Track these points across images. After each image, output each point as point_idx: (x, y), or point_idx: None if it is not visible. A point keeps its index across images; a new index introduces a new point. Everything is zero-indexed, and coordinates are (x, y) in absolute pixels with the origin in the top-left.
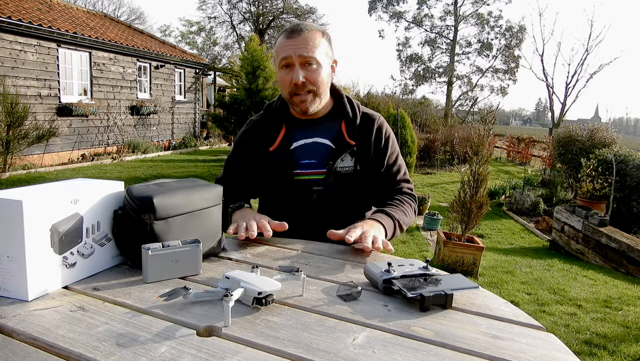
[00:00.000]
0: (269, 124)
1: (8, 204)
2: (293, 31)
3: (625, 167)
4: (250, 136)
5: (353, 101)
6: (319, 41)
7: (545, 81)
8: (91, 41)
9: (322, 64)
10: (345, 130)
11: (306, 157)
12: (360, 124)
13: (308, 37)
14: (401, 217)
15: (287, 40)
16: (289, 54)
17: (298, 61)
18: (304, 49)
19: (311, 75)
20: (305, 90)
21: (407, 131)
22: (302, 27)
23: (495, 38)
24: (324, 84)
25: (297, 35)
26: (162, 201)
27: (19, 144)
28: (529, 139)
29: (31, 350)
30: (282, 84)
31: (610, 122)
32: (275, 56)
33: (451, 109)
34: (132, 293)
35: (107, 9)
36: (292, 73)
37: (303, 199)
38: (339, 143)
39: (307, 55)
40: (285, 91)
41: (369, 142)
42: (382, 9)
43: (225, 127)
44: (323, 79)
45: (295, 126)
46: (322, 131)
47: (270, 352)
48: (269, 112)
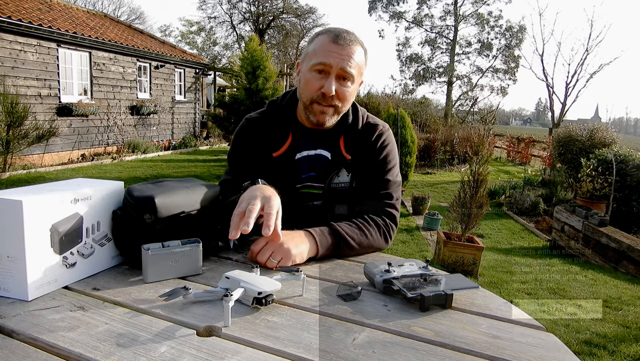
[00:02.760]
0: (273, 125)
1: (8, 204)
2: (339, 37)
3: (625, 167)
4: (251, 135)
5: (359, 110)
6: (360, 58)
7: (545, 81)
8: (91, 41)
9: (355, 82)
10: (344, 143)
11: (308, 169)
12: (361, 136)
13: (354, 50)
14: (355, 236)
15: (332, 45)
16: (331, 62)
17: (336, 72)
18: (347, 62)
19: (343, 91)
20: (330, 103)
21: (407, 131)
22: (351, 37)
23: (495, 38)
24: (349, 103)
25: (344, 44)
26: (163, 201)
27: (19, 144)
28: (529, 139)
29: (31, 350)
30: (308, 87)
31: (610, 122)
32: (310, 54)
33: (451, 109)
34: (132, 293)
35: (107, 9)
36: (325, 80)
37: (301, 212)
38: (335, 157)
39: (348, 71)
40: (307, 95)
41: (366, 155)
42: (382, 9)
43: (225, 127)
44: (351, 98)
45: (302, 134)
46: (324, 142)
47: (270, 352)
48: (274, 112)
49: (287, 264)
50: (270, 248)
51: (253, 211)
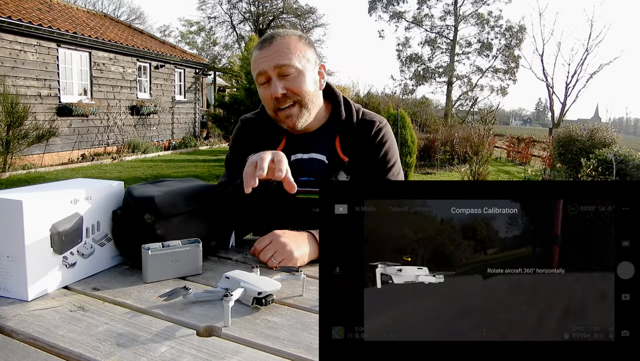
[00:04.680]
0: (267, 128)
1: (8, 204)
2: (264, 41)
3: (625, 167)
4: (247, 136)
5: (352, 106)
6: (296, 46)
7: (545, 81)
8: (91, 41)
9: (304, 71)
10: (340, 144)
11: (304, 173)
12: (357, 133)
13: (282, 44)
14: None
15: (260, 52)
16: (263, 68)
17: (275, 73)
18: (278, 58)
19: (291, 84)
20: (288, 103)
21: (407, 131)
22: (274, 35)
23: (495, 38)
24: (309, 93)
25: (269, 45)
26: (163, 201)
27: (19, 144)
28: (529, 139)
29: (31, 350)
30: (265, 101)
31: (610, 122)
32: (253, 73)
33: (451, 109)
34: (132, 293)
35: (107, 9)
36: (271, 87)
37: (301, 218)
38: (332, 160)
39: (283, 63)
40: (269, 109)
41: (364, 154)
42: (382, 9)
43: (225, 127)
44: (307, 88)
45: (293, 139)
46: (317, 146)
47: (270, 352)
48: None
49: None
50: (272, 247)
51: (265, 159)
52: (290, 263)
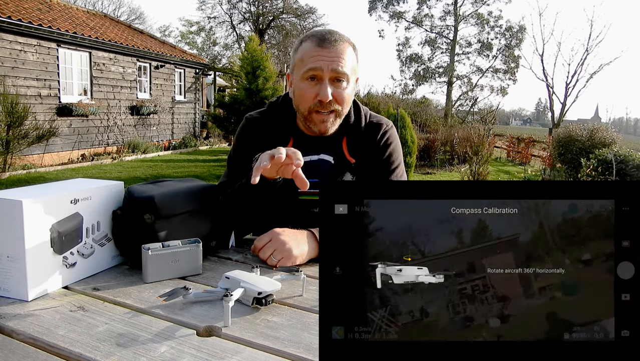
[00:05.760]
0: (273, 128)
1: (8, 204)
2: (324, 39)
3: (625, 167)
4: (252, 135)
5: (361, 108)
6: (352, 56)
7: (545, 81)
8: (91, 41)
9: (350, 81)
10: (347, 145)
11: (311, 175)
12: (364, 136)
13: (342, 49)
14: None
15: (318, 49)
16: (320, 66)
17: (328, 76)
18: (337, 62)
19: (339, 93)
20: (329, 109)
21: (407, 131)
22: (336, 37)
23: (495, 38)
24: (348, 104)
25: (330, 46)
26: (163, 201)
27: (19, 144)
28: (529, 139)
29: (31, 350)
30: (303, 97)
31: (610, 122)
32: (297, 63)
33: (451, 109)
34: (132, 293)
35: (107, 9)
36: (319, 87)
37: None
38: (339, 161)
39: (341, 70)
40: (305, 105)
41: (370, 156)
42: (382, 9)
43: (225, 127)
44: (349, 100)
45: (302, 140)
46: (327, 146)
47: (270, 352)
48: (274, 115)
49: (288, 264)
50: (272, 245)
51: (281, 149)
52: (290, 261)
